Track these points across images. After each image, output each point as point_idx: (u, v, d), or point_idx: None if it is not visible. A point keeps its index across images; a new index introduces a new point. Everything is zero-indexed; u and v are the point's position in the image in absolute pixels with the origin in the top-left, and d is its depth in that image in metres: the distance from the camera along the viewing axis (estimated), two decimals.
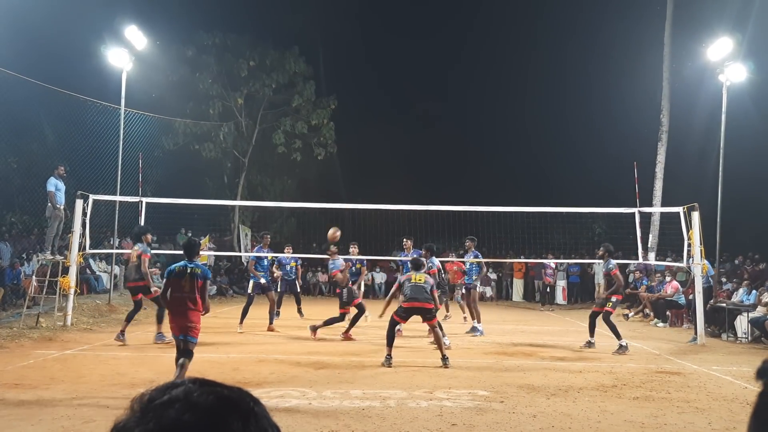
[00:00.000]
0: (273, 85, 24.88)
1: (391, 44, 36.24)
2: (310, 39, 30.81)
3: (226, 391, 0.95)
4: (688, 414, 6.83)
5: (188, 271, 7.30)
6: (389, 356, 9.52)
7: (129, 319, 11.57)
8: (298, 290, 16.55)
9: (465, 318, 15.15)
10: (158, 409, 0.90)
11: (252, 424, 0.92)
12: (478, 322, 13.62)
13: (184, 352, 7.28)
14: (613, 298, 11.86)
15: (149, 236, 12.08)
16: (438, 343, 9.82)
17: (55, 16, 19.50)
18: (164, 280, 7.69)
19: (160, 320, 11.45)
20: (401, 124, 33.47)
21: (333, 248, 13.03)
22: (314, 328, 12.30)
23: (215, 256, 22.61)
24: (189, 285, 7.24)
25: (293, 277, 16.25)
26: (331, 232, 12.94)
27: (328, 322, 12.30)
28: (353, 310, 12.53)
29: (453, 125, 35.99)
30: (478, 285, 14.38)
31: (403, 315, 10.10)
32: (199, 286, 7.27)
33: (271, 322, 13.62)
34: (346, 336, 12.24)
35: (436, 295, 10.16)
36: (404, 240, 14.16)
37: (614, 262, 12.00)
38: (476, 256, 14.00)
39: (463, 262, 14.54)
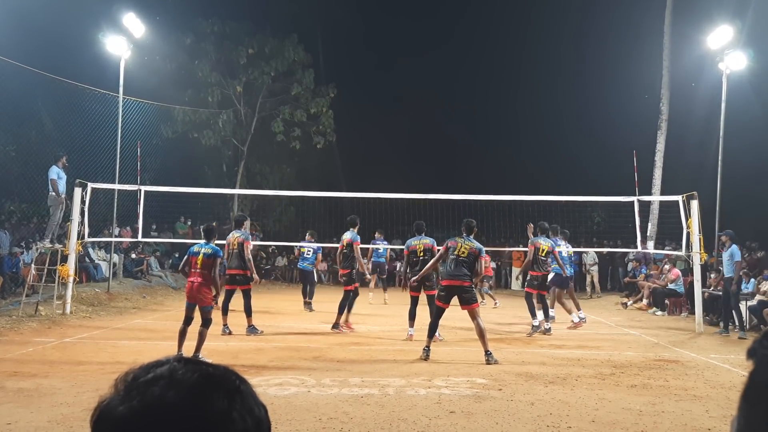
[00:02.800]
0: (272, 73, 24.75)
1: (389, 34, 36.17)
2: (309, 27, 30.72)
3: (211, 369, 0.94)
4: (685, 402, 6.85)
5: (201, 251, 8.69)
6: (427, 348, 9.08)
7: (225, 311, 11.37)
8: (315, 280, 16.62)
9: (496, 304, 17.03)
10: (142, 387, 0.89)
11: (237, 402, 0.91)
12: (572, 311, 13.49)
13: (203, 321, 8.55)
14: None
15: (247, 222, 12.02)
16: (480, 335, 9.06)
17: (52, 4, 19.38)
18: (185, 257, 9.10)
19: (249, 313, 11.42)
20: (400, 113, 33.38)
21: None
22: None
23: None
24: (201, 262, 8.60)
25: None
26: None
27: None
28: None
29: (452, 115, 35.92)
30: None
31: (443, 296, 9.36)
32: (206, 264, 8.60)
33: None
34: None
35: (482, 262, 9.52)
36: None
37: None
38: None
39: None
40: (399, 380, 7.57)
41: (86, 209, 13.78)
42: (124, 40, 16.92)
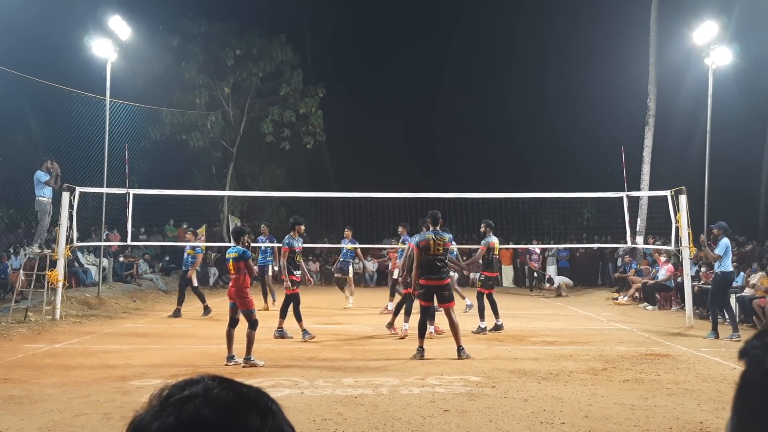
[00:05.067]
0: (260, 74, 24.64)
1: (377, 32, 36.07)
2: (297, 27, 30.67)
3: (244, 389, 0.97)
4: (677, 395, 6.89)
5: (230, 255, 8.88)
6: (421, 348, 9.10)
7: (297, 316, 11.12)
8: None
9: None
10: (177, 404, 0.91)
11: (269, 421, 0.94)
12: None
13: (249, 323, 8.61)
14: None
15: (301, 228, 11.61)
16: (454, 331, 9.25)
17: (38, 7, 19.25)
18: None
19: (283, 315, 11.23)
20: (390, 112, 33.40)
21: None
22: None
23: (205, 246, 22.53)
24: (233, 267, 8.77)
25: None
26: None
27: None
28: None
29: (440, 113, 35.92)
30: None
31: (423, 294, 9.45)
32: (241, 267, 8.70)
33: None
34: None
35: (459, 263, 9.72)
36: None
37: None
38: (352, 243, 15.01)
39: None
40: (392, 379, 7.57)
41: (74, 213, 13.70)
42: (110, 43, 16.81)
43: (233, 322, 8.85)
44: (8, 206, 18.71)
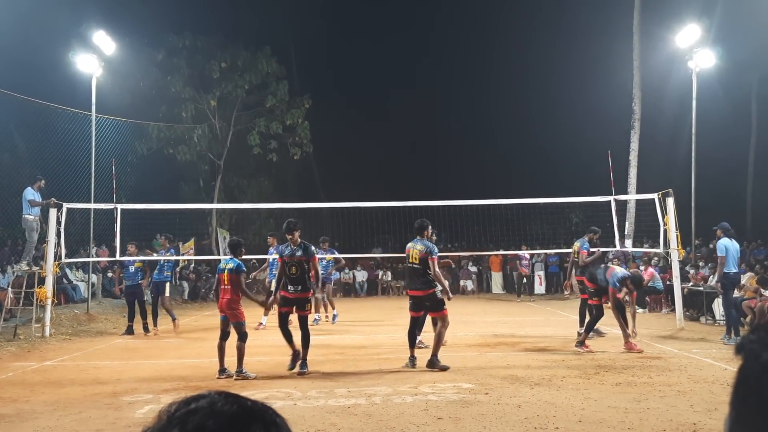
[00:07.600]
0: (246, 86, 24.66)
1: (360, 42, 36.26)
2: (282, 39, 30.77)
3: (249, 402, 0.99)
4: (670, 397, 6.91)
5: (225, 267, 8.86)
6: (412, 357, 9.04)
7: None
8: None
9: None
10: (183, 417, 0.94)
11: None
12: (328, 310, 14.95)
13: (238, 336, 8.66)
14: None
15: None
16: (436, 339, 8.94)
17: (21, 24, 19.19)
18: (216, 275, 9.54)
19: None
20: (375, 121, 33.48)
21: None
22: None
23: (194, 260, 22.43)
24: (227, 278, 8.73)
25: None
26: None
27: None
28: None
29: (426, 120, 36.04)
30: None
31: (411, 305, 9.32)
32: (233, 279, 8.71)
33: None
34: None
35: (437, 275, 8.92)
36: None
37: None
38: (332, 253, 14.99)
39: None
40: (385, 389, 7.55)
41: (62, 230, 13.61)
42: (95, 58, 16.79)
43: (224, 335, 8.81)
44: None
